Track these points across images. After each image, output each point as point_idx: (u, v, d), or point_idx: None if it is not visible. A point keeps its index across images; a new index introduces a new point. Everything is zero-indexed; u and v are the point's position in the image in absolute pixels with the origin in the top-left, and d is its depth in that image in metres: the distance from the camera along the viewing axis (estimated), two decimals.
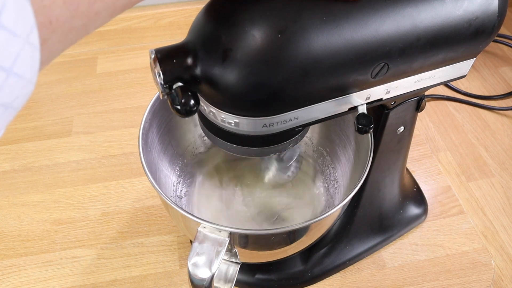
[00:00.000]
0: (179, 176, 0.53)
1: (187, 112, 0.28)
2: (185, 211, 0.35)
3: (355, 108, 0.33)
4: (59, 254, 0.55)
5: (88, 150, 0.67)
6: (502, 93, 0.74)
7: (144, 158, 0.40)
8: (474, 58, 0.36)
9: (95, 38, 0.85)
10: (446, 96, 0.75)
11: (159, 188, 0.38)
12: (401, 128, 0.44)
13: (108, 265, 0.54)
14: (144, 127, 0.42)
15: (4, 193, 0.62)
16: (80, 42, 0.84)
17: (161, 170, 0.49)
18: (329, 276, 0.53)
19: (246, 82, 0.27)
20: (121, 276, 0.53)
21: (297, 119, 0.31)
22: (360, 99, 0.33)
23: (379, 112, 0.41)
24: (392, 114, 0.41)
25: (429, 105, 0.74)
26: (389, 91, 0.34)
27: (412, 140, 0.50)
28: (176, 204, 0.36)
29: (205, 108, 0.31)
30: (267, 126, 0.30)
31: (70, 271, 0.54)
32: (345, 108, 0.33)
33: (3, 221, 0.59)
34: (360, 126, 0.32)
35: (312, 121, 0.32)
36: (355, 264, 0.54)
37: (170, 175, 0.52)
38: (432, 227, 0.58)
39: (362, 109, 0.33)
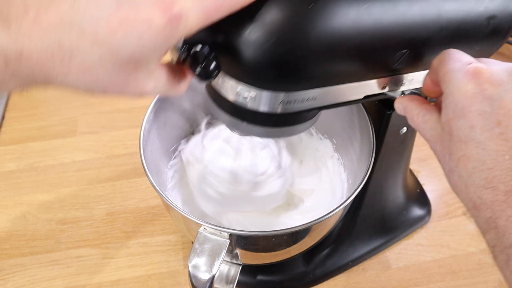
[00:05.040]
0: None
1: (207, 75, 0.27)
2: (185, 212, 0.35)
3: (370, 96, 0.33)
4: (64, 254, 0.56)
5: (93, 150, 0.68)
6: None
7: (145, 159, 0.40)
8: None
9: None
10: None
11: (160, 189, 0.38)
12: (404, 129, 0.44)
13: (112, 264, 0.55)
14: (145, 128, 0.42)
15: (10, 193, 0.62)
16: None
17: (162, 170, 0.49)
18: (331, 277, 0.53)
19: (271, 51, 0.26)
20: (125, 276, 0.54)
21: (314, 100, 0.30)
22: (376, 88, 0.32)
23: (381, 112, 0.41)
24: (394, 115, 0.41)
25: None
26: (404, 83, 0.34)
27: (418, 140, 0.49)
28: (177, 206, 0.36)
29: (220, 81, 0.30)
30: (284, 104, 0.29)
31: (75, 270, 0.54)
32: (361, 95, 0.33)
33: (9, 221, 0.59)
34: None
35: (328, 105, 0.32)
36: (360, 264, 0.54)
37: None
38: (437, 228, 0.58)
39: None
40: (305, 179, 0.54)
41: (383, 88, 0.33)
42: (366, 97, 0.33)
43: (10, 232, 0.58)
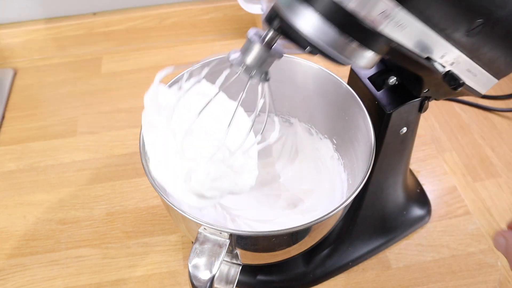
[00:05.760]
0: None
1: None
2: (185, 212, 0.35)
3: (429, 60, 0.33)
4: (64, 254, 0.56)
5: (93, 150, 0.68)
6: (509, 93, 0.73)
7: (145, 159, 0.40)
8: (497, 80, 0.38)
9: (100, 38, 0.85)
10: (451, 98, 0.74)
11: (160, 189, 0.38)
12: (404, 129, 0.44)
13: (112, 264, 0.55)
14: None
15: (10, 193, 0.62)
16: (85, 42, 0.85)
17: None
18: (331, 277, 0.53)
19: None
20: (125, 276, 0.54)
21: (402, 29, 0.29)
22: (439, 51, 0.33)
23: (381, 112, 0.41)
24: (394, 115, 0.41)
25: (435, 105, 0.73)
26: (453, 63, 0.34)
27: (418, 140, 0.49)
28: (176, 206, 0.36)
29: None
30: (383, 16, 0.28)
31: (75, 270, 0.54)
32: (425, 54, 0.32)
33: (8, 221, 0.59)
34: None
35: (402, 46, 0.31)
36: (360, 264, 0.54)
37: None
38: (437, 228, 0.58)
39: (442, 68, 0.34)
40: (305, 179, 0.54)
41: (442, 57, 0.33)
42: (427, 58, 0.33)
43: (10, 232, 0.58)
